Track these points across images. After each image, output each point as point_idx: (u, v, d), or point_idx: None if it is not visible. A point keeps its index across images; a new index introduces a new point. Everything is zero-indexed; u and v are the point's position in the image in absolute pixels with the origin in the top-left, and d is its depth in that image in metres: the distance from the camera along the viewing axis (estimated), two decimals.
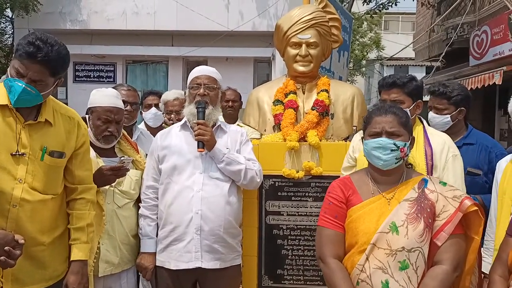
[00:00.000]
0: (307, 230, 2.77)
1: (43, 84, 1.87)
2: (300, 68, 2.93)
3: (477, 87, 8.16)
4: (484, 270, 2.13)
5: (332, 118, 2.93)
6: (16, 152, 1.87)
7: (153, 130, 3.56)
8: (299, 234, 2.78)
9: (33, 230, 1.91)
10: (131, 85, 3.43)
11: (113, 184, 2.43)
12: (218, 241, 2.44)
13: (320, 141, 2.77)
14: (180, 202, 2.43)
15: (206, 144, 2.42)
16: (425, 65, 16.24)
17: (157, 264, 2.49)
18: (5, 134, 1.86)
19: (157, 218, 2.53)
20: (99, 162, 2.43)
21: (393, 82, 2.44)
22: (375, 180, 1.99)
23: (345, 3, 10.93)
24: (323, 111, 2.87)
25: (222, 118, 3.55)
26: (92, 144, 2.42)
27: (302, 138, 2.81)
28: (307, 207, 2.78)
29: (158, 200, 2.53)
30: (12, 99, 1.84)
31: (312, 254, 2.76)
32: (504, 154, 2.62)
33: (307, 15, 2.90)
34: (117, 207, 2.47)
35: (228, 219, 2.46)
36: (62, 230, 2.08)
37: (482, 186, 2.71)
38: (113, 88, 2.81)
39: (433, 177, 2.07)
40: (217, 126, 2.57)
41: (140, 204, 2.57)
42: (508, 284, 1.83)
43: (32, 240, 1.90)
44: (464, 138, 2.88)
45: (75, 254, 2.06)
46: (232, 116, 4.19)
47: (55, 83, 1.93)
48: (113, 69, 11.51)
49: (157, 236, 2.52)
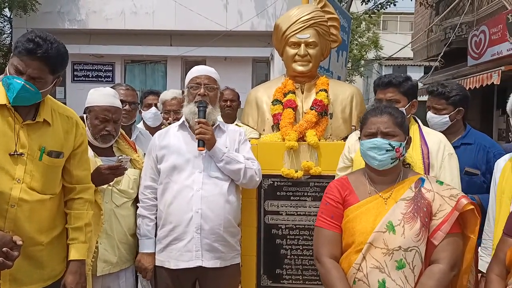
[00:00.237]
0: (306, 230, 2.77)
1: (42, 81, 1.87)
2: (299, 67, 2.93)
3: (475, 87, 8.18)
4: (481, 269, 2.13)
5: (331, 118, 2.94)
6: (14, 152, 1.86)
7: (152, 130, 3.56)
8: (298, 233, 2.79)
9: (31, 230, 1.91)
10: (130, 84, 3.42)
11: (111, 183, 2.42)
12: (218, 240, 2.44)
13: (319, 140, 2.78)
14: (179, 202, 2.43)
15: (206, 143, 2.42)
16: (423, 65, 16.28)
17: (156, 264, 2.49)
18: (3, 134, 1.85)
19: (155, 218, 2.53)
20: (97, 162, 2.43)
21: (389, 81, 2.46)
22: (372, 180, 1.99)
23: (343, 3, 10.94)
24: (322, 111, 2.87)
25: (220, 118, 3.56)
26: (90, 143, 2.41)
27: (301, 138, 2.81)
28: (306, 207, 2.78)
29: (156, 200, 2.53)
30: (10, 97, 1.83)
31: (310, 254, 2.76)
32: (502, 154, 2.62)
33: (306, 15, 2.90)
34: (115, 206, 2.47)
35: (227, 218, 2.47)
36: (60, 230, 2.07)
37: (480, 186, 2.72)
38: (111, 87, 2.81)
39: (430, 176, 2.07)
40: (216, 125, 2.57)
41: (138, 204, 2.56)
42: (506, 283, 1.83)
43: (30, 240, 1.90)
44: (462, 138, 2.89)
45: (73, 254, 2.06)
46: (230, 115, 4.19)
47: (54, 82, 1.93)
48: (111, 68, 11.49)
49: (155, 236, 2.52)
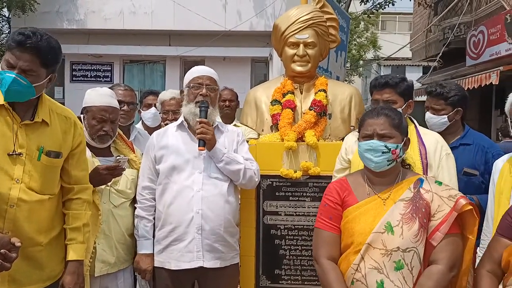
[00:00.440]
0: (305, 230, 2.77)
1: (35, 75, 1.85)
2: (297, 68, 2.92)
3: (474, 87, 8.19)
4: None
5: (329, 118, 2.93)
6: (13, 152, 1.86)
7: (151, 130, 3.55)
8: (297, 234, 2.78)
9: (30, 230, 1.90)
10: (129, 85, 3.42)
11: (109, 183, 2.42)
12: (219, 240, 2.45)
13: (317, 141, 2.77)
14: (179, 202, 2.43)
15: (207, 143, 2.42)
16: (422, 65, 16.28)
17: (156, 265, 2.48)
18: (1, 134, 1.85)
19: (153, 218, 2.52)
20: (95, 162, 2.43)
21: (385, 82, 2.46)
22: (371, 181, 1.99)
23: (342, 3, 10.95)
24: (321, 111, 2.87)
25: (219, 119, 3.55)
26: (87, 143, 2.41)
27: (300, 138, 2.81)
28: (305, 207, 2.77)
29: (154, 200, 2.52)
30: (3, 91, 1.82)
31: (309, 254, 2.75)
32: (500, 154, 2.62)
33: (305, 15, 2.90)
34: (113, 207, 2.47)
35: (227, 218, 2.48)
36: (58, 230, 2.07)
37: (478, 186, 2.72)
38: (110, 88, 2.80)
39: (429, 177, 2.07)
40: (214, 126, 2.57)
41: (135, 205, 2.55)
42: (505, 284, 1.83)
43: (29, 240, 1.89)
44: (461, 139, 2.89)
45: (71, 254, 2.06)
46: (229, 115, 4.20)
47: (48, 77, 1.91)
48: (110, 68, 11.48)
49: (153, 236, 2.51)
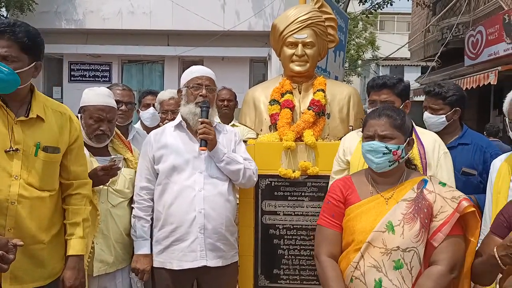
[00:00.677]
0: (304, 230, 2.77)
1: (16, 60, 1.83)
2: (296, 68, 2.92)
3: (472, 87, 8.20)
4: None
5: (328, 118, 2.93)
6: (9, 148, 1.86)
7: (149, 130, 3.54)
8: (296, 233, 2.78)
9: (32, 227, 1.91)
10: (127, 84, 3.42)
11: (106, 183, 2.42)
12: (221, 239, 2.46)
13: (316, 140, 2.77)
14: (181, 202, 2.43)
15: (209, 143, 2.42)
16: (420, 65, 16.32)
17: (155, 265, 2.47)
18: None
19: (151, 219, 2.51)
20: (93, 162, 2.42)
21: (383, 83, 2.48)
22: (374, 180, 2.00)
23: (341, 3, 10.96)
24: (319, 111, 2.87)
25: (218, 119, 3.55)
26: (84, 143, 2.41)
27: (299, 138, 2.81)
28: (304, 207, 2.78)
29: (152, 201, 2.51)
30: None
31: (308, 254, 2.76)
32: (498, 154, 2.63)
33: (303, 15, 2.90)
34: (111, 206, 2.46)
35: (228, 217, 2.50)
36: (58, 227, 2.07)
37: (477, 186, 2.72)
38: (108, 87, 2.80)
39: (433, 177, 2.06)
40: (213, 126, 2.57)
41: (133, 205, 2.54)
42: (500, 285, 1.84)
43: (31, 238, 1.90)
44: (459, 138, 2.89)
45: (71, 249, 2.06)
46: (227, 115, 4.20)
47: (33, 64, 1.89)
48: (108, 68, 11.48)
49: (151, 236, 2.51)
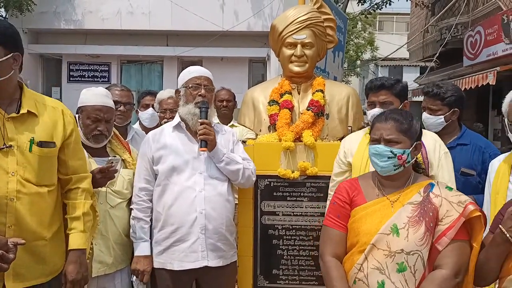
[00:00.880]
0: (303, 230, 2.77)
1: None
2: (295, 68, 2.93)
3: (470, 88, 8.20)
4: None
5: (327, 118, 2.94)
6: (3, 145, 1.86)
7: (148, 130, 3.54)
8: (295, 234, 2.78)
9: (33, 223, 1.91)
10: (126, 85, 3.42)
11: (104, 185, 2.41)
12: (221, 239, 2.47)
13: (315, 141, 2.78)
14: (181, 203, 2.43)
15: (209, 144, 2.42)
16: (419, 65, 16.34)
17: (155, 266, 2.47)
18: None
19: (150, 220, 2.51)
20: (91, 162, 2.42)
21: (381, 84, 2.48)
22: (381, 183, 2.00)
23: (339, 4, 10.97)
24: (318, 111, 2.87)
25: (217, 119, 3.56)
26: (83, 144, 2.41)
27: (298, 138, 2.81)
28: (302, 207, 2.78)
29: (151, 202, 2.51)
30: None
31: (307, 254, 2.77)
32: (497, 154, 2.64)
33: (302, 16, 2.90)
34: (110, 207, 2.46)
35: (228, 217, 2.51)
36: (59, 224, 2.08)
37: (476, 186, 2.72)
38: (106, 88, 2.80)
39: (440, 181, 2.05)
40: (212, 126, 2.57)
41: (132, 206, 2.53)
42: (499, 286, 1.84)
43: (32, 234, 1.91)
44: (458, 139, 2.90)
45: (73, 243, 2.05)
46: (226, 116, 4.20)
47: (10, 55, 1.86)
48: (107, 69, 11.48)
49: (151, 237, 2.50)
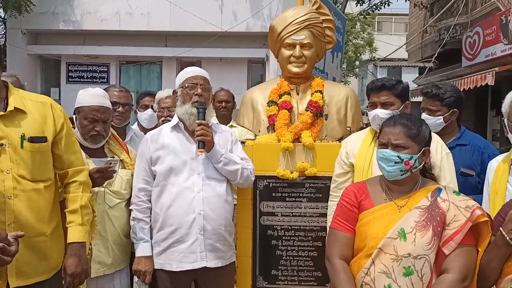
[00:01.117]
0: (302, 231, 2.77)
1: None
2: (294, 69, 2.93)
3: (469, 88, 8.21)
4: None
5: (326, 119, 2.93)
6: None
7: (146, 131, 3.54)
8: (294, 234, 2.78)
9: (32, 220, 1.92)
10: (125, 85, 3.42)
11: (102, 185, 2.41)
12: (220, 239, 2.46)
13: (314, 142, 2.78)
14: (180, 204, 2.42)
15: (206, 144, 2.41)
16: (418, 66, 16.34)
17: (155, 267, 2.46)
18: None
19: (150, 220, 2.50)
20: (89, 163, 2.41)
21: (382, 84, 2.48)
22: (388, 187, 2.00)
23: (338, 4, 10.98)
24: (317, 112, 2.87)
25: (216, 119, 3.55)
26: (80, 144, 2.41)
27: (296, 139, 2.81)
28: (302, 208, 2.78)
29: (150, 202, 2.50)
30: None
31: (306, 255, 2.76)
32: (496, 154, 2.64)
33: (301, 16, 2.90)
34: (108, 207, 2.46)
35: (227, 218, 2.51)
36: (58, 219, 2.09)
37: (475, 186, 2.72)
38: (105, 89, 2.79)
39: (448, 186, 2.05)
40: (209, 126, 2.56)
41: (131, 207, 2.52)
42: (497, 287, 1.84)
43: (33, 230, 1.91)
44: (457, 139, 2.90)
45: (71, 236, 2.05)
46: (225, 116, 4.20)
47: None
48: (106, 69, 11.47)
49: (151, 238, 2.50)
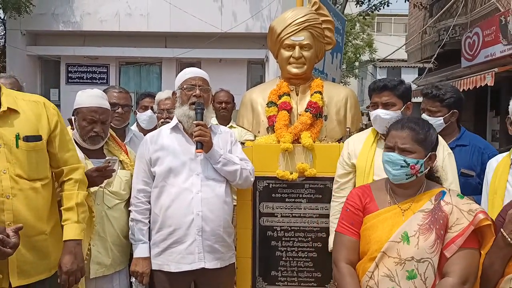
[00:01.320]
0: (301, 232, 2.77)
1: None
2: (293, 70, 2.93)
3: (469, 89, 8.21)
4: None
5: (325, 120, 2.93)
6: None
7: (146, 132, 3.54)
8: (293, 235, 2.78)
9: (31, 218, 1.92)
10: (125, 86, 3.42)
11: (102, 185, 2.41)
12: (219, 240, 2.46)
13: (313, 142, 2.77)
14: (178, 205, 2.42)
15: (205, 145, 2.41)
16: (417, 66, 16.35)
17: (153, 268, 2.46)
18: None
19: (149, 222, 2.50)
20: (88, 164, 2.41)
21: (384, 85, 2.48)
22: (393, 190, 2.00)
23: (338, 5, 10.99)
24: (317, 113, 2.87)
25: (215, 120, 3.55)
26: (79, 145, 2.41)
27: (296, 140, 2.81)
28: (301, 209, 2.78)
29: (149, 203, 2.50)
30: None
31: (306, 256, 2.76)
32: (496, 155, 2.64)
33: (301, 17, 2.90)
34: (107, 208, 2.46)
35: (226, 219, 2.50)
36: (57, 218, 2.09)
37: (475, 187, 2.72)
38: (104, 90, 2.79)
39: (452, 189, 2.05)
40: (208, 127, 2.56)
41: (130, 208, 2.52)
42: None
43: (32, 229, 1.91)
44: (457, 140, 2.91)
45: (67, 233, 2.05)
46: (225, 117, 4.19)
47: None
48: (106, 70, 11.45)
49: (149, 239, 2.50)
